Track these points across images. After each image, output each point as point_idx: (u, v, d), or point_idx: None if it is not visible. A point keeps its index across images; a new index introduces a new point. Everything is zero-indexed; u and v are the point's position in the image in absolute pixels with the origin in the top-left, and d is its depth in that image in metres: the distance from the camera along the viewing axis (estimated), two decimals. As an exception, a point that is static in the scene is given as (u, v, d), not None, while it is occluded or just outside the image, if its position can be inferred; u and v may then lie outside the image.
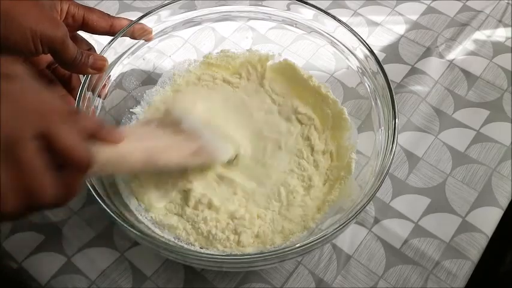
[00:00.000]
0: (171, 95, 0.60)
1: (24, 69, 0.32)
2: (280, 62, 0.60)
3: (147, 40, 0.57)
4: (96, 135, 0.37)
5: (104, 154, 0.38)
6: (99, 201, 0.44)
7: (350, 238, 0.53)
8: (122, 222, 0.43)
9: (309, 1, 0.56)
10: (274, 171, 0.54)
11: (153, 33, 0.57)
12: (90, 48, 0.55)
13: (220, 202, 0.52)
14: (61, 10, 0.50)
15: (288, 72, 0.60)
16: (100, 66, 0.50)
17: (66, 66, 0.48)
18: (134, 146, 0.42)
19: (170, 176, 0.53)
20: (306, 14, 0.57)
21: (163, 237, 0.50)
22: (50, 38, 0.44)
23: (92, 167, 0.33)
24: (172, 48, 0.61)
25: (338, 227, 0.43)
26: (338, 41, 0.57)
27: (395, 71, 0.65)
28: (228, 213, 0.52)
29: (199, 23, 0.60)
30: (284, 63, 0.60)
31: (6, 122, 0.28)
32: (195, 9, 0.59)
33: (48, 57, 0.50)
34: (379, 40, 0.69)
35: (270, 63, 0.60)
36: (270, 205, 0.52)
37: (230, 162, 0.54)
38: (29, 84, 0.31)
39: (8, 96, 0.29)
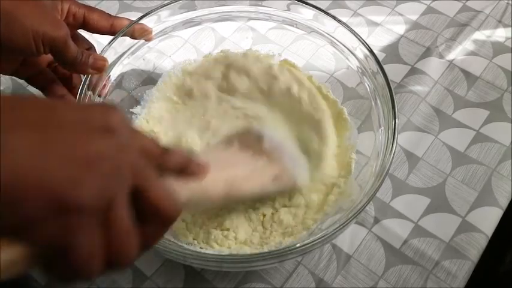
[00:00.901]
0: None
1: (122, 116, 0.28)
2: (281, 62, 0.60)
3: (147, 40, 0.57)
4: (184, 171, 0.34)
5: (188, 192, 0.34)
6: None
7: (350, 238, 0.53)
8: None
9: (309, 1, 0.56)
10: None
11: (153, 33, 0.57)
12: (91, 47, 0.55)
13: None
14: (62, 10, 0.50)
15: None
16: (100, 66, 0.50)
17: (67, 66, 0.49)
18: (216, 177, 0.38)
19: None
20: (306, 14, 0.57)
21: (163, 237, 0.50)
22: (52, 39, 0.44)
23: (179, 216, 0.30)
24: (172, 48, 0.61)
25: (338, 227, 0.43)
26: (338, 41, 0.57)
27: (395, 71, 0.66)
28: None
29: (199, 23, 0.60)
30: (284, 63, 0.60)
31: (105, 185, 0.25)
32: (195, 9, 0.59)
33: (48, 57, 0.50)
34: (379, 40, 0.69)
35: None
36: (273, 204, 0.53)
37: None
38: (126, 136, 0.27)
39: (107, 156, 0.25)
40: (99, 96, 0.53)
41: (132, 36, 0.55)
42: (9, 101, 0.24)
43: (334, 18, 0.55)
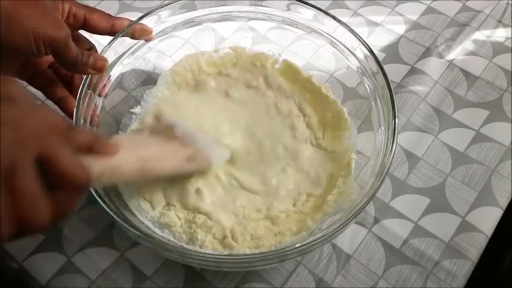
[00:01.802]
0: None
1: (23, 89, 0.31)
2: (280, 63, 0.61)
3: (147, 40, 0.57)
4: (92, 149, 0.36)
5: (99, 167, 0.37)
6: (100, 201, 0.44)
7: (350, 238, 0.53)
8: (122, 222, 0.43)
9: (309, 1, 0.56)
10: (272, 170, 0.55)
11: (153, 33, 0.57)
12: (91, 47, 0.55)
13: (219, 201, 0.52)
14: (63, 10, 0.50)
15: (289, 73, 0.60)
16: (100, 67, 0.50)
17: (67, 67, 0.49)
18: (128, 155, 0.41)
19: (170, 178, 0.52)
20: (305, 14, 0.57)
21: (163, 237, 0.50)
22: (52, 40, 0.44)
23: (90, 185, 0.33)
24: (172, 48, 0.61)
25: (338, 227, 0.43)
26: (338, 41, 0.57)
27: (395, 71, 0.66)
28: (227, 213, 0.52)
29: (199, 23, 0.60)
30: (284, 63, 0.60)
31: (5, 150, 0.27)
32: (195, 10, 0.59)
33: (49, 58, 0.50)
34: (379, 40, 0.69)
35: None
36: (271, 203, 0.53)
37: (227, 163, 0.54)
38: (28, 106, 0.30)
39: (8, 121, 0.27)
40: (100, 96, 0.54)
41: (132, 37, 0.55)
42: None
43: (334, 18, 0.55)
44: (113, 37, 0.53)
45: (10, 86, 0.29)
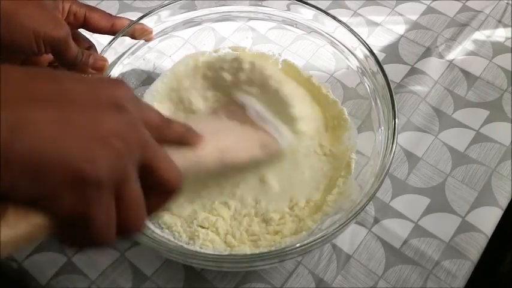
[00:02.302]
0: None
1: (128, 90, 0.29)
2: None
3: (147, 40, 0.57)
4: (182, 140, 0.35)
5: (186, 163, 0.34)
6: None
7: (350, 238, 0.53)
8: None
9: (309, 1, 0.56)
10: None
11: (153, 33, 0.57)
12: (91, 46, 0.55)
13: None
14: (63, 9, 0.50)
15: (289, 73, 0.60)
16: (100, 67, 0.50)
17: (67, 66, 0.49)
18: (209, 147, 0.38)
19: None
20: (306, 14, 0.57)
21: (163, 237, 0.50)
22: (53, 39, 0.44)
23: (181, 187, 0.31)
24: (172, 48, 0.61)
25: (338, 227, 0.43)
26: (338, 41, 0.57)
27: (395, 71, 0.66)
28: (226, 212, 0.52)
29: (199, 23, 0.60)
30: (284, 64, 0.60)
31: (118, 161, 0.26)
32: (195, 9, 0.59)
33: (49, 56, 0.50)
34: (379, 40, 0.69)
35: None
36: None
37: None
38: (134, 110, 0.29)
39: (118, 133, 0.27)
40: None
41: (132, 36, 0.55)
42: (19, 73, 0.26)
43: (334, 18, 0.55)
44: (113, 37, 0.53)
45: (119, 91, 0.28)
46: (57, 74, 0.28)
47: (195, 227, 0.51)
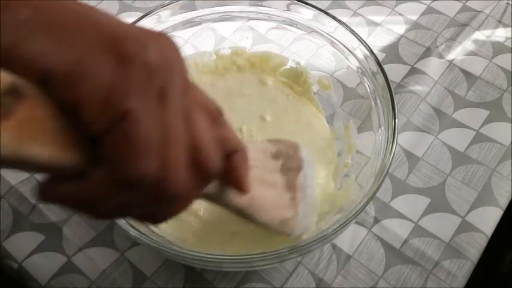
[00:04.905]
0: None
1: (184, 69, 0.27)
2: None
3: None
4: (229, 179, 0.32)
5: (217, 186, 0.32)
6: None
7: (350, 238, 0.53)
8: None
9: (309, 1, 0.56)
10: None
11: (153, 34, 0.57)
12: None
13: None
14: None
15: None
16: None
17: None
18: (248, 196, 0.36)
19: None
20: (306, 14, 0.57)
21: (163, 237, 0.50)
22: None
23: (211, 180, 0.29)
24: (172, 48, 0.61)
25: (338, 227, 0.43)
26: (338, 41, 0.57)
27: (395, 71, 0.66)
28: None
29: (199, 23, 0.60)
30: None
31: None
32: (195, 10, 0.59)
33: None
34: (379, 40, 0.69)
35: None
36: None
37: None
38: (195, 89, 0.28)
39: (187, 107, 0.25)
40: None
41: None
42: None
43: (334, 18, 0.55)
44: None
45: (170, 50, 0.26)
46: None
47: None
